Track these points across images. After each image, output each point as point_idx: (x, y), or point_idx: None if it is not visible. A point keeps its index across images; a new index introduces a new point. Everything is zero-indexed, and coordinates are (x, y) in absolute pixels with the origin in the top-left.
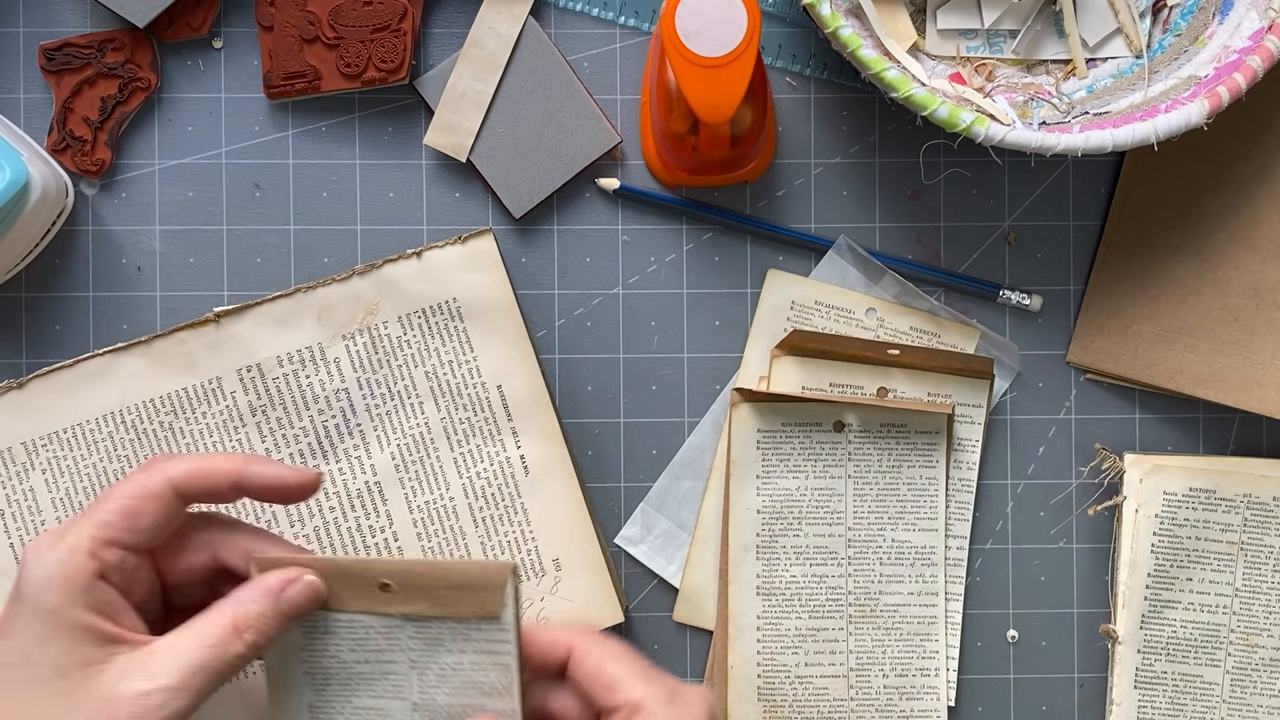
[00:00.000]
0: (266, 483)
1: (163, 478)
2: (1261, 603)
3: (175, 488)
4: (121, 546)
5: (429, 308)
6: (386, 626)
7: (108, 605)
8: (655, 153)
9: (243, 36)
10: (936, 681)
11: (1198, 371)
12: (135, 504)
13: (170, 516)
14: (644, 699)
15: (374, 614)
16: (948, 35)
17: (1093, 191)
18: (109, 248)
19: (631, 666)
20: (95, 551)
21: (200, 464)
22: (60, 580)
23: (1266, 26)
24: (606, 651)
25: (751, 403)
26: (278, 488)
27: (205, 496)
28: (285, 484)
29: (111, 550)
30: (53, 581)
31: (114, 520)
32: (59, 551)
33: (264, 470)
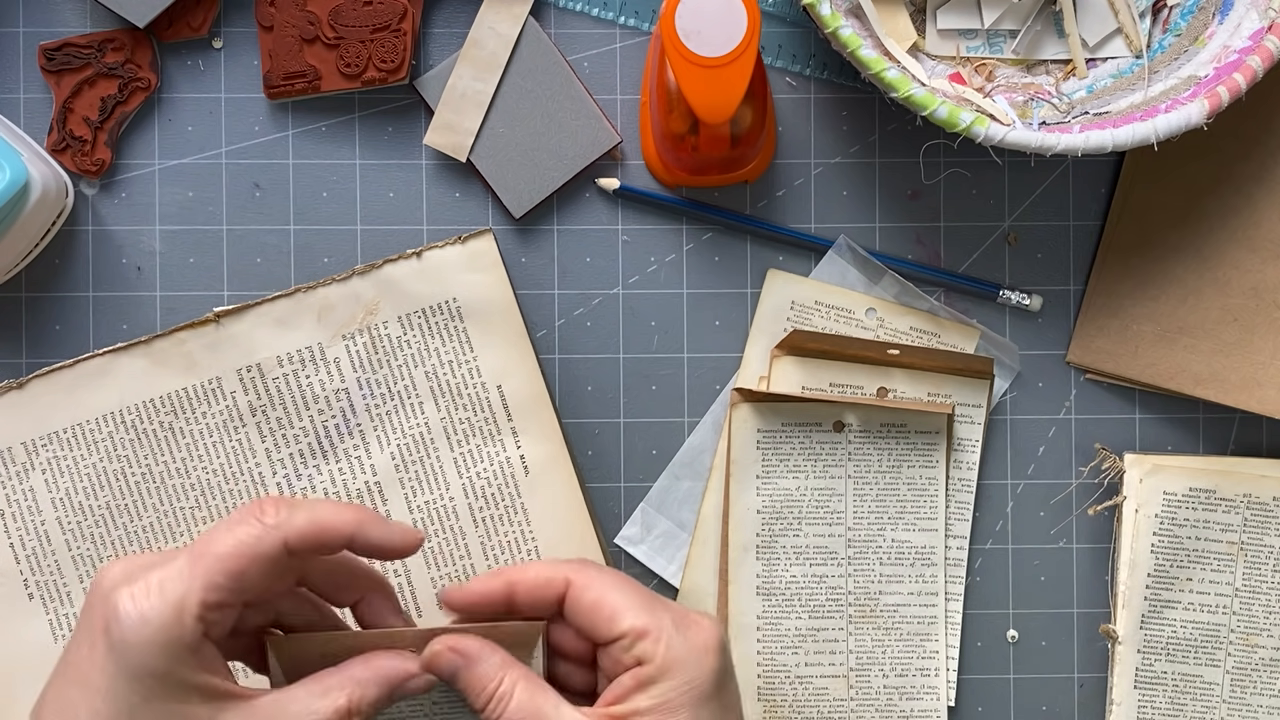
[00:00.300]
0: (375, 543)
1: (278, 538)
2: (1261, 603)
3: (289, 547)
4: (228, 607)
5: (429, 308)
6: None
7: (211, 661)
8: (655, 153)
9: (243, 36)
10: (936, 681)
11: (1198, 371)
12: (246, 565)
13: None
14: (648, 625)
15: None
16: (948, 35)
17: (1093, 191)
18: (109, 248)
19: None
20: (204, 616)
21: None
22: (167, 644)
23: (1266, 26)
24: (607, 582)
25: (751, 403)
26: (384, 549)
27: (314, 553)
28: (393, 545)
29: (217, 613)
30: (158, 645)
31: (224, 583)
32: (164, 612)
33: (376, 532)
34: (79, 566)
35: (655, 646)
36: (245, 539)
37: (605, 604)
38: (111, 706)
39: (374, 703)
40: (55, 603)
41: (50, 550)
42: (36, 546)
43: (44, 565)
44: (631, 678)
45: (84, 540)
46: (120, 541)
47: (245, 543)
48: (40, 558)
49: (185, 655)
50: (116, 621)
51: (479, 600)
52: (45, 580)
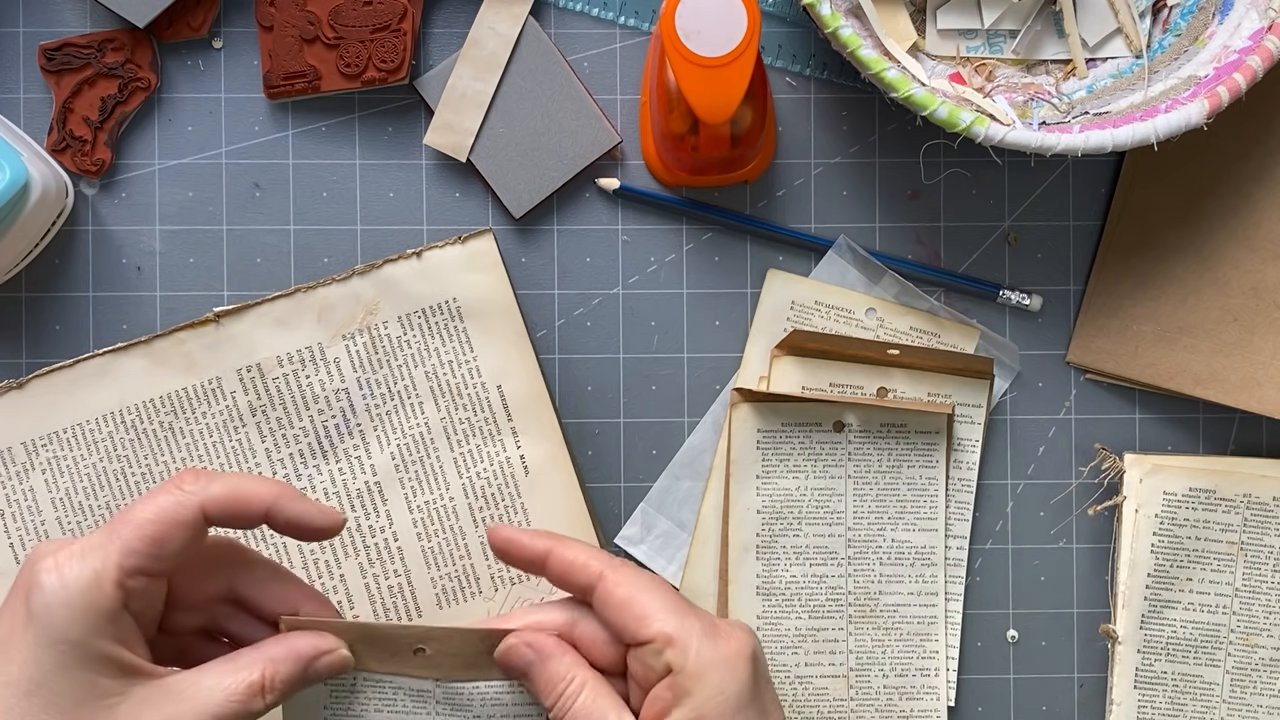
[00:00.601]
0: (293, 518)
1: (194, 503)
2: (1261, 603)
3: (206, 514)
4: (147, 574)
5: (429, 308)
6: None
7: (127, 634)
8: (655, 153)
9: (243, 36)
10: (936, 681)
11: (1198, 371)
12: (164, 530)
13: (197, 539)
14: (677, 632)
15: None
16: (948, 35)
17: (1093, 191)
18: (109, 248)
19: (666, 599)
20: (123, 582)
21: (234, 491)
22: (85, 611)
23: (1266, 26)
24: (640, 582)
25: (751, 403)
26: (302, 526)
27: (233, 524)
28: (311, 524)
29: (138, 579)
30: (76, 611)
31: (142, 549)
32: (83, 578)
33: (294, 506)
34: None
35: (684, 656)
36: (163, 505)
37: (636, 603)
38: (25, 673)
39: (287, 679)
40: None
41: None
42: None
43: None
44: (667, 689)
45: None
46: None
47: (163, 509)
48: None
49: (101, 623)
50: (38, 589)
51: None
52: None
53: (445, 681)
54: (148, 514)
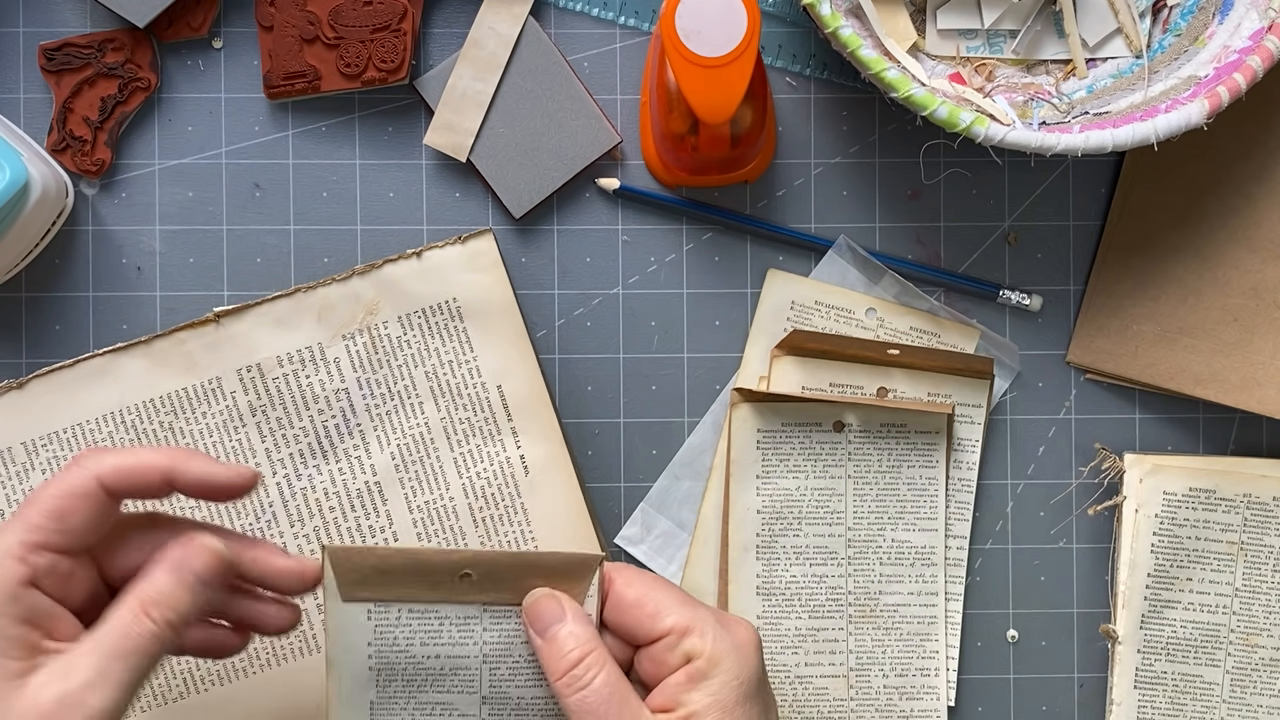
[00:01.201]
0: (197, 478)
1: (89, 475)
2: (1261, 603)
3: (103, 484)
4: (52, 550)
5: (429, 308)
6: (463, 616)
7: (38, 613)
8: (655, 153)
9: (243, 36)
10: (936, 681)
11: (1198, 371)
12: (63, 504)
13: (101, 515)
14: (692, 621)
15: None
16: (948, 35)
17: (1093, 191)
18: (109, 248)
19: (675, 594)
20: (24, 557)
21: (128, 459)
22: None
23: (1266, 26)
24: (647, 581)
25: (751, 403)
26: (210, 485)
27: (136, 493)
28: (216, 481)
29: (41, 554)
30: None
31: (42, 523)
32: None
33: (195, 466)
34: None
35: (703, 641)
36: (63, 481)
37: (648, 601)
38: None
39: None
40: None
41: None
42: None
43: None
44: (684, 675)
45: None
46: None
47: (62, 484)
48: None
49: (4, 603)
50: None
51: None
52: None
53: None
54: (49, 491)
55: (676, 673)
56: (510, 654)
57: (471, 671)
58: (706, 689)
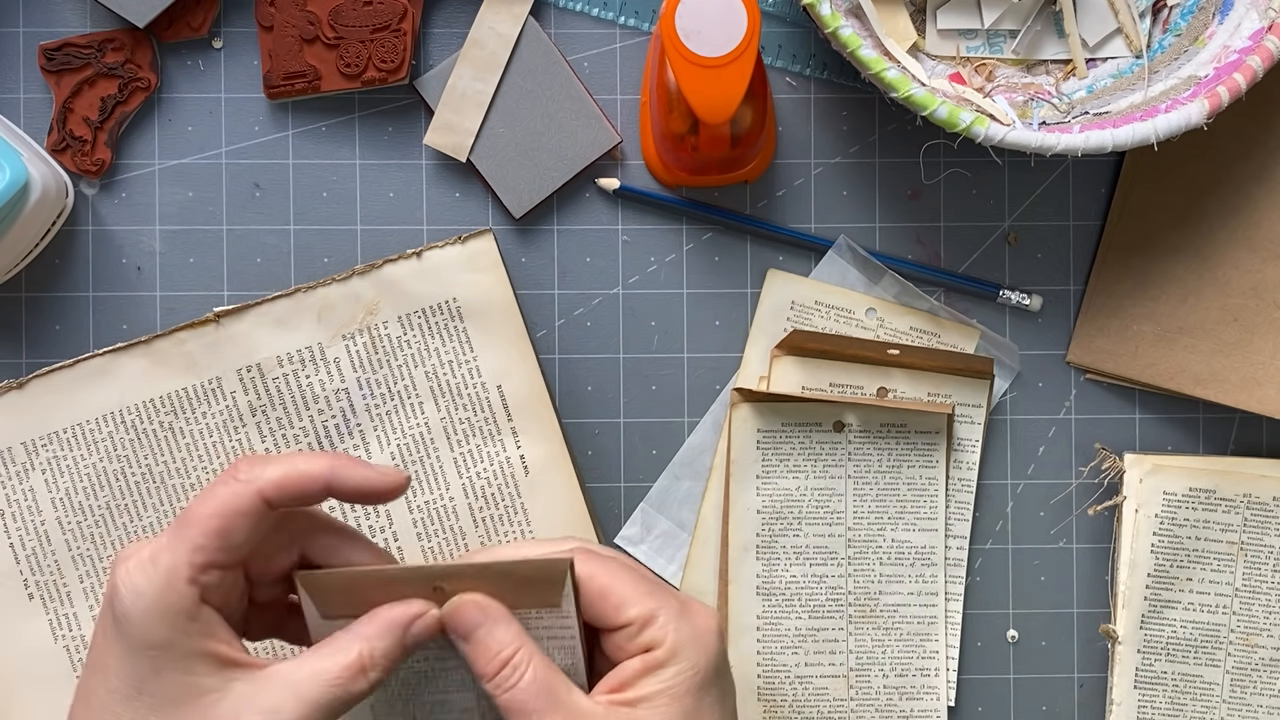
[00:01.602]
0: (356, 486)
1: (252, 491)
2: (1261, 603)
3: (266, 499)
4: (217, 567)
5: (429, 308)
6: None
7: (214, 628)
8: (655, 153)
9: (243, 36)
10: (936, 681)
11: (1198, 371)
12: (226, 523)
13: (262, 527)
14: (655, 611)
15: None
16: (948, 35)
17: (1093, 191)
18: (109, 248)
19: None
20: (195, 578)
21: (289, 471)
22: (164, 613)
23: (1266, 26)
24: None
25: (751, 403)
26: (367, 491)
27: (296, 503)
28: (374, 487)
29: (210, 573)
30: (155, 615)
31: (208, 543)
32: (156, 583)
33: (353, 474)
34: (79, 566)
35: (663, 632)
36: (223, 497)
37: (612, 592)
38: (123, 684)
39: (386, 652)
40: (55, 603)
41: (50, 550)
42: (36, 546)
43: (44, 565)
44: (640, 662)
45: (84, 540)
46: (120, 541)
47: (223, 502)
48: (40, 558)
49: (184, 623)
50: (118, 599)
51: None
52: (45, 580)
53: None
54: (208, 509)
55: (634, 659)
56: None
57: (461, 673)
58: (660, 677)
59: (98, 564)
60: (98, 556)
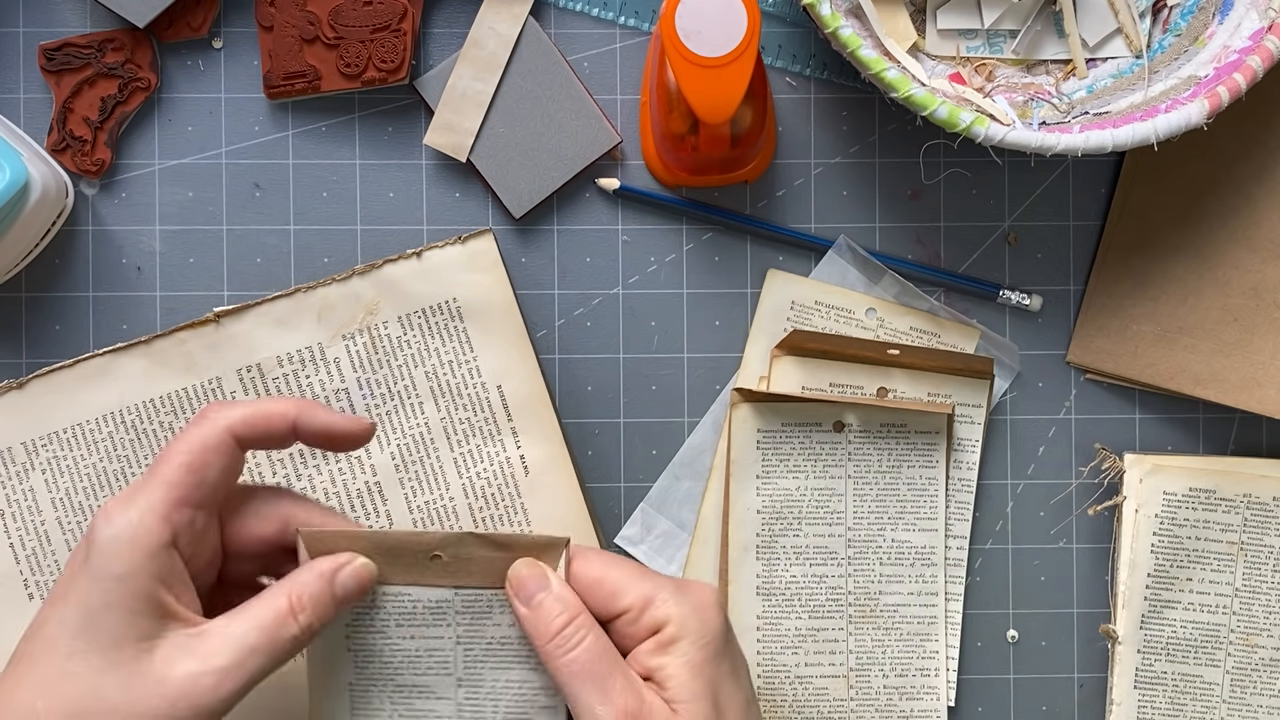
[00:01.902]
0: (322, 427)
1: (221, 426)
2: (1261, 603)
3: (234, 435)
4: (191, 505)
5: (429, 308)
6: (435, 599)
7: (171, 576)
8: (655, 153)
9: (243, 36)
10: (936, 681)
11: (1198, 371)
12: (197, 458)
13: (233, 466)
14: (652, 592)
15: (423, 585)
16: (948, 35)
17: (1093, 191)
18: (109, 248)
19: (632, 569)
20: (168, 515)
21: (256, 409)
22: (129, 545)
23: (1266, 26)
24: (603, 560)
25: (751, 403)
26: (332, 433)
27: (264, 442)
28: (338, 430)
29: (183, 511)
30: (121, 546)
31: (179, 479)
32: (130, 514)
33: (319, 415)
34: None
35: (665, 610)
36: (193, 437)
37: (606, 580)
38: (75, 614)
39: (314, 597)
40: None
41: (50, 550)
42: (36, 546)
43: (44, 565)
44: (653, 643)
45: None
46: None
47: (194, 440)
48: (40, 558)
49: (144, 560)
50: (93, 532)
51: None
52: (45, 580)
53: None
54: (180, 447)
55: (645, 641)
56: (483, 636)
57: (445, 653)
58: (676, 652)
59: None
60: None
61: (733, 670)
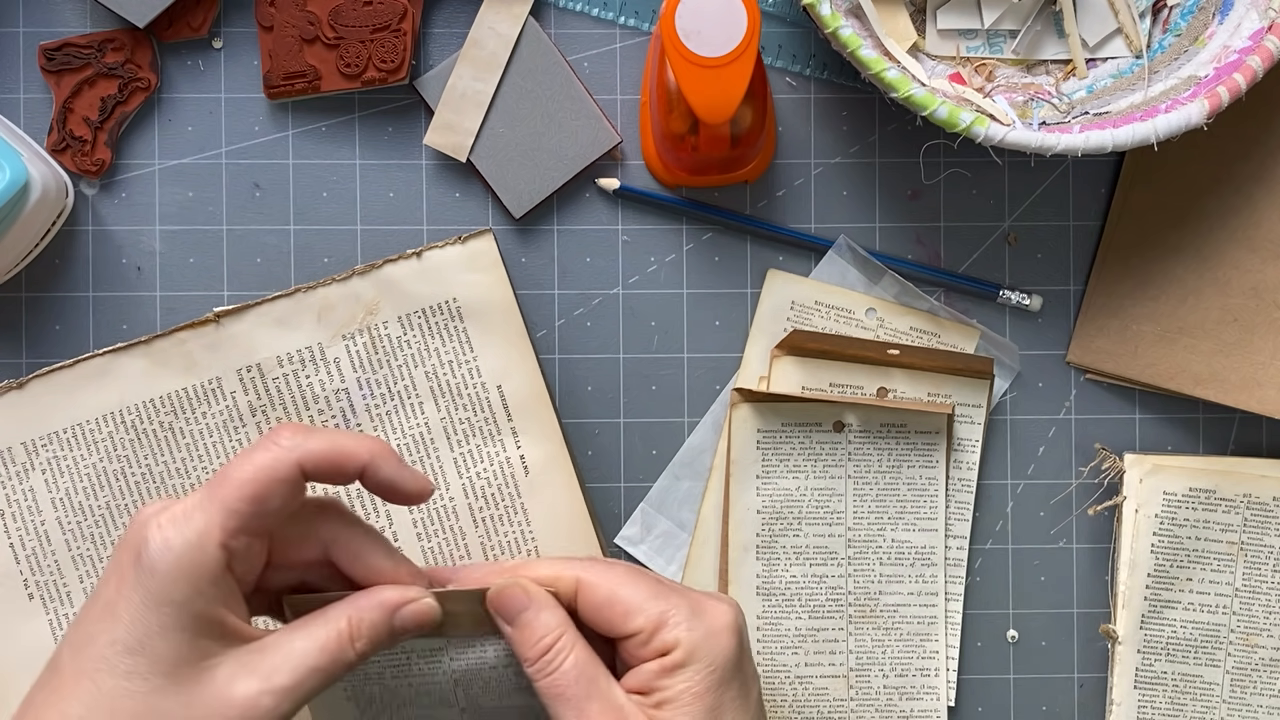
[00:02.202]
0: (388, 479)
1: (293, 460)
2: (1261, 603)
3: (303, 469)
4: (249, 534)
5: (429, 308)
6: (429, 650)
7: (229, 597)
8: (655, 153)
9: (243, 36)
10: (936, 681)
11: (1198, 371)
12: (263, 488)
13: (297, 497)
14: (664, 614)
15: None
16: (948, 35)
17: (1093, 191)
18: (109, 248)
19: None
20: (226, 542)
21: (332, 446)
22: (190, 572)
23: (1266, 26)
24: (617, 577)
25: (751, 403)
26: (395, 488)
27: (330, 480)
28: (403, 487)
29: (240, 539)
30: (182, 573)
31: (242, 508)
32: (188, 540)
33: (389, 467)
34: (79, 566)
35: (675, 635)
36: (262, 463)
37: (617, 601)
38: (130, 632)
39: (373, 625)
40: (55, 603)
41: (50, 550)
42: (36, 546)
43: (44, 565)
44: (657, 665)
45: (84, 540)
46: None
47: (262, 467)
48: (40, 558)
49: (204, 586)
50: (145, 550)
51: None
52: (45, 580)
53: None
54: (246, 472)
55: (651, 662)
56: (480, 676)
57: (445, 691)
58: (680, 677)
59: (98, 564)
60: (98, 556)
61: (742, 693)
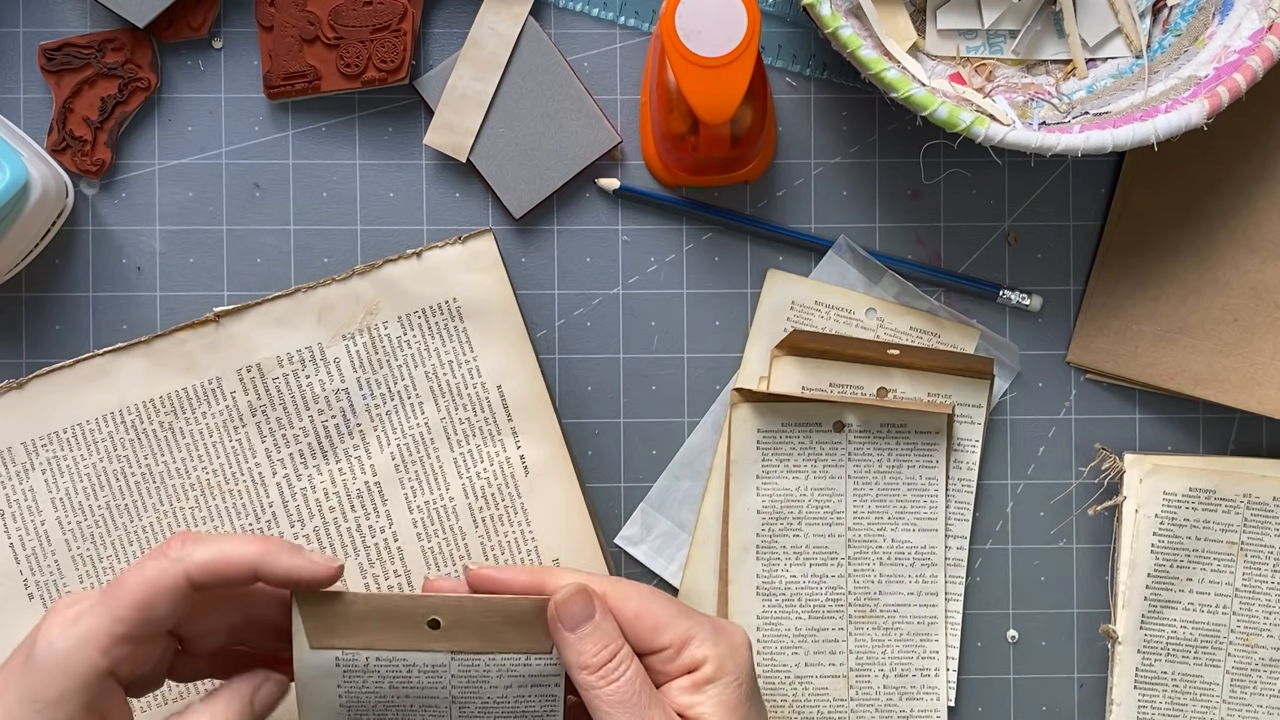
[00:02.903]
0: (285, 572)
1: (179, 571)
2: (1261, 603)
3: (192, 581)
4: (133, 641)
5: (429, 308)
6: (430, 664)
7: (105, 700)
8: (655, 153)
9: (243, 36)
10: (936, 681)
11: (1198, 371)
12: (150, 597)
13: (184, 604)
14: (690, 631)
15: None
16: (948, 35)
17: (1093, 191)
18: (109, 248)
19: (670, 606)
20: (109, 649)
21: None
22: (65, 673)
23: (1266, 26)
24: (643, 594)
25: (751, 403)
26: (296, 579)
27: (222, 586)
28: (302, 576)
29: (124, 645)
30: (60, 673)
31: (126, 615)
32: (72, 641)
33: (282, 562)
34: (79, 566)
35: (703, 650)
36: (150, 573)
37: (647, 615)
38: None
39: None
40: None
41: (50, 550)
42: (36, 546)
43: (44, 565)
44: (689, 681)
45: (84, 540)
46: (120, 542)
47: (150, 578)
48: (40, 558)
49: (76, 690)
50: (34, 645)
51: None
52: (45, 580)
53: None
54: (136, 580)
55: (681, 678)
56: (479, 696)
57: (440, 709)
58: (711, 692)
59: (98, 564)
60: (98, 556)
61: (761, 708)
